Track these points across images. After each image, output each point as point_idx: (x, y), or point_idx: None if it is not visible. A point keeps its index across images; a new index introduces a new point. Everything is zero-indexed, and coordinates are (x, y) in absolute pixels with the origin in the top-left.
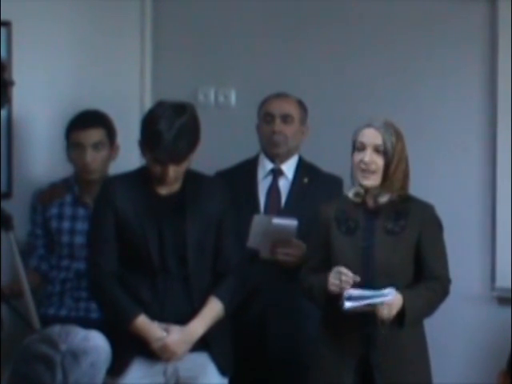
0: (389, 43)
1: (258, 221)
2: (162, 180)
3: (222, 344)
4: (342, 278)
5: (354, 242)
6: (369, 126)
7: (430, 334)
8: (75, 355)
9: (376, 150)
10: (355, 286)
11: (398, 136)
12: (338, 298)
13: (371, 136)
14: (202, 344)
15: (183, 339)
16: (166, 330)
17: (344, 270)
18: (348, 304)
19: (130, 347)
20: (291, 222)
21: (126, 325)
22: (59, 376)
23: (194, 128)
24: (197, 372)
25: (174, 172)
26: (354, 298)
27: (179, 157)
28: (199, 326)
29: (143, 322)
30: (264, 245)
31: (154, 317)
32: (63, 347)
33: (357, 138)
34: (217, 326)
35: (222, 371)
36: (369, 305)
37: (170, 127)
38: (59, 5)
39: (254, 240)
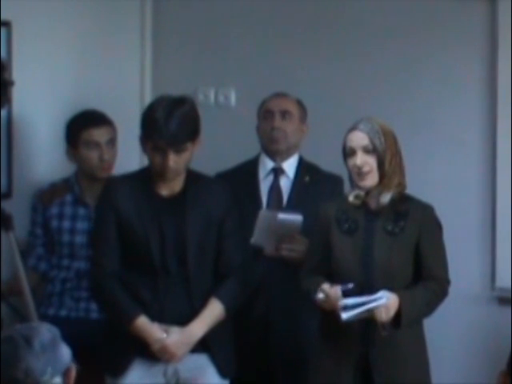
0: (389, 43)
1: (263, 216)
2: (163, 173)
3: (223, 346)
4: (330, 295)
5: (353, 242)
6: (353, 129)
7: (430, 334)
8: (31, 327)
9: (365, 150)
10: (352, 292)
11: (385, 131)
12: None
13: (357, 138)
14: (202, 345)
15: (183, 340)
16: (166, 331)
17: (327, 288)
18: (345, 315)
19: (130, 348)
20: (296, 217)
21: (126, 325)
22: (22, 343)
23: (193, 118)
24: (196, 373)
25: (175, 162)
26: (350, 307)
27: (178, 141)
28: (199, 327)
29: (143, 322)
30: (269, 241)
31: (154, 317)
32: (16, 327)
33: (345, 144)
34: (218, 327)
35: (222, 373)
36: (366, 311)
37: (168, 114)
38: (59, 5)
39: (258, 236)
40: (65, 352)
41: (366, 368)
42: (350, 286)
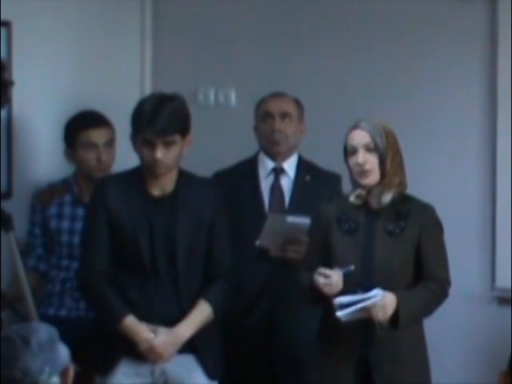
0: (389, 43)
1: (272, 220)
2: (152, 168)
3: (211, 347)
4: (330, 277)
5: (354, 242)
6: (354, 128)
7: (430, 334)
8: (28, 327)
9: (367, 149)
10: (349, 292)
11: (387, 131)
12: (327, 297)
13: (359, 137)
14: (189, 346)
15: (170, 341)
16: (154, 332)
17: (323, 270)
18: (341, 314)
19: (118, 347)
20: (304, 221)
21: (114, 325)
22: (19, 342)
23: (182, 113)
24: (184, 374)
25: (163, 155)
26: (346, 305)
27: (166, 132)
28: (187, 328)
29: (131, 322)
30: (275, 243)
31: (142, 317)
32: (14, 328)
33: (347, 143)
34: (206, 329)
35: (210, 375)
36: (362, 309)
37: (157, 107)
38: (59, 5)
39: (265, 238)
40: (62, 352)
41: (366, 368)
42: (352, 268)
